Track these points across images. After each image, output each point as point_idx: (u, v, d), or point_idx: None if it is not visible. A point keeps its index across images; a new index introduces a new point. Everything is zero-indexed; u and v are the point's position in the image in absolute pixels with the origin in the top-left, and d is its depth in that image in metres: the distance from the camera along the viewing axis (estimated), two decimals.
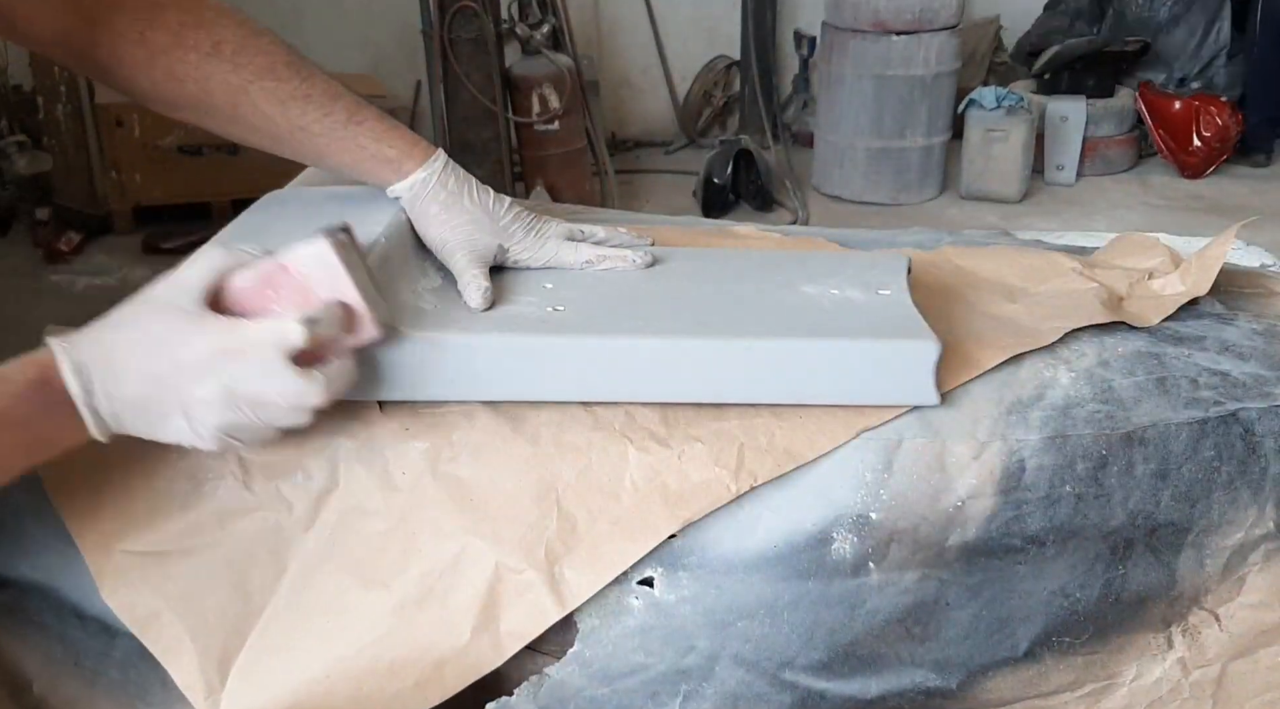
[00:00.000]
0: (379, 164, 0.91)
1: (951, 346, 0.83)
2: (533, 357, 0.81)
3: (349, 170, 0.93)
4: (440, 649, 0.77)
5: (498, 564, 0.77)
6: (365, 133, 0.90)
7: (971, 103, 4.41)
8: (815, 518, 0.79)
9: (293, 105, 0.88)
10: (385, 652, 0.77)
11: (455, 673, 0.77)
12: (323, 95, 0.89)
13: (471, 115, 3.89)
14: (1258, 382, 0.85)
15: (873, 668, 0.81)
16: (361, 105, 0.91)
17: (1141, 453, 0.81)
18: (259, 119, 0.88)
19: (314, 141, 0.90)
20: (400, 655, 0.77)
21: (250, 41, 0.87)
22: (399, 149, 0.91)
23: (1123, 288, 0.97)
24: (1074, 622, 0.81)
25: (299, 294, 0.72)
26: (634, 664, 0.80)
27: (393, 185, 0.92)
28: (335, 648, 0.77)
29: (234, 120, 0.89)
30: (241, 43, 0.87)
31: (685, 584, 0.79)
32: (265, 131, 0.89)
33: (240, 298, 0.73)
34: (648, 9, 5.13)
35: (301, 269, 0.72)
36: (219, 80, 0.86)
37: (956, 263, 1.03)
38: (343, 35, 4.90)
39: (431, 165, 0.91)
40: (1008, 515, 0.80)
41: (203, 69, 0.86)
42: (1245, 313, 0.95)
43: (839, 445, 0.80)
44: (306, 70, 0.89)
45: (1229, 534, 0.82)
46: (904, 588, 0.80)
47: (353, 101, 0.90)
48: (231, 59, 0.86)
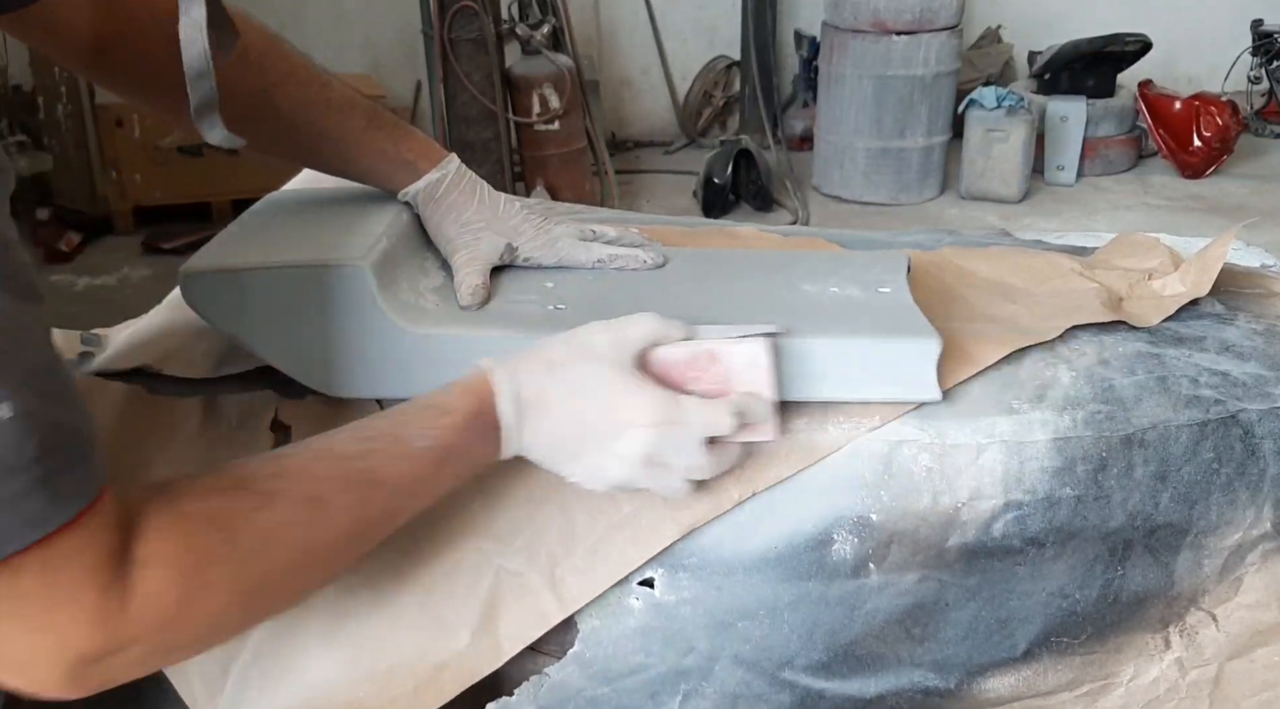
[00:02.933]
0: (396, 167, 0.92)
1: (952, 345, 0.83)
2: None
3: (365, 174, 0.93)
4: (439, 653, 0.77)
5: (499, 568, 0.77)
6: (383, 137, 0.91)
7: (971, 103, 4.41)
8: (816, 519, 0.79)
9: (313, 110, 0.88)
10: (384, 656, 0.77)
11: (454, 677, 0.77)
12: (341, 100, 0.89)
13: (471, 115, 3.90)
14: (1258, 382, 0.85)
15: (872, 668, 0.81)
16: (377, 110, 0.92)
17: (1141, 455, 0.81)
18: (279, 124, 0.88)
19: (333, 146, 0.90)
20: (399, 659, 0.77)
21: (272, 46, 0.87)
22: (416, 152, 0.92)
23: (1123, 288, 0.97)
24: (1072, 622, 0.82)
25: (718, 383, 0.76)
26: (634, 664, 0.80)
27: (406, 187, 0.92)
28: (335, 653, 0.77)
29: (252, 124, 0.87)
30: (265, 47, 0.87)
31: (686, 585, 0.79)
32: (284, 137, 0.89)
33: (663, 368, 0.76)
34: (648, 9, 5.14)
35: (730, 362, 0.76)
36: (243, 85, 0.85)
37: (957, 263, 1.03)
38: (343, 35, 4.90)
39: (445, 167, 0.92)
40: (1007, 517, 0.80)
41: (228, 74, 0.85)
42: (1245, 313, 0.95)
43: (839, 448, 0.80)
44: (324, 76, 0.90)
45: (1227, 535, 0.82)
46: (904, 589, 0.80)
47: (369, 106, 0.91)
48: (256, 63, 0.86)
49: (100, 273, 3.93)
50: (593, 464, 0.73)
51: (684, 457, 0.74)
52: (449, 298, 0.88)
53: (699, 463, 0.74)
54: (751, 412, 0.75)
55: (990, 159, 4.41)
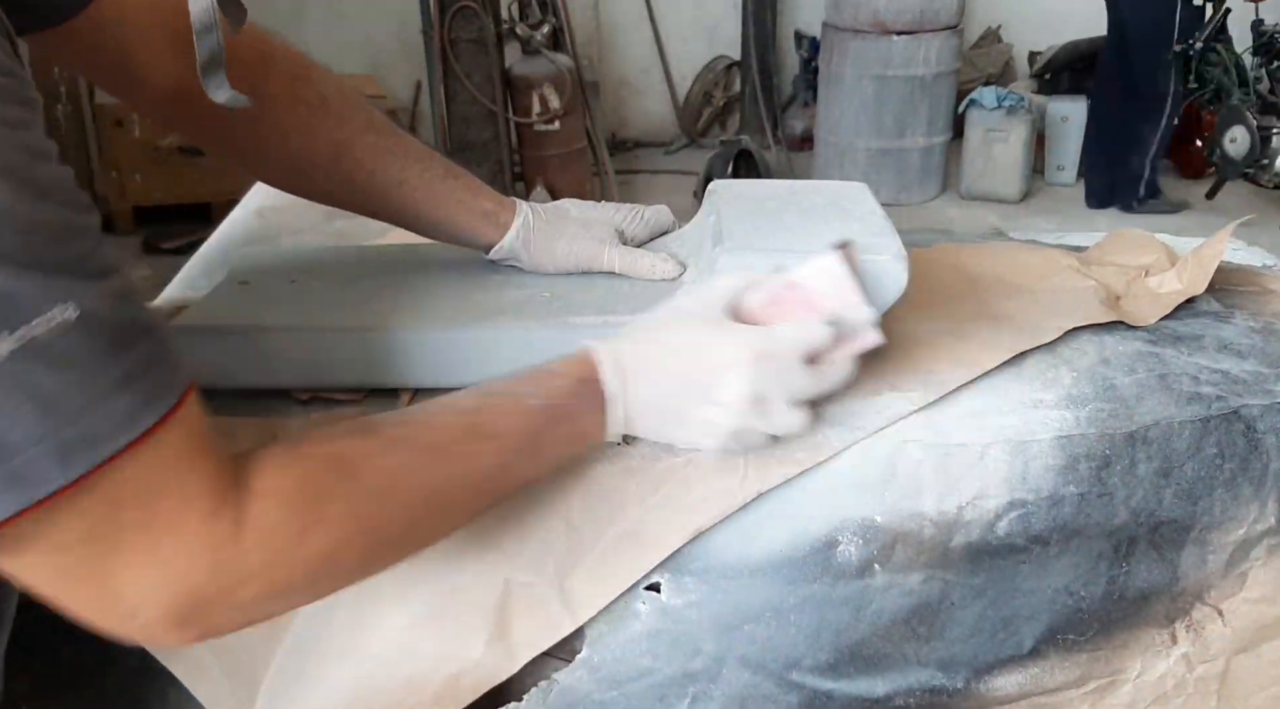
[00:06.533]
0: (477, 218, 0.92)
1: (953, 348, 0.83)
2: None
3: (446, 225, 0.93)
4: (455, 662, 0.77)
5: (507, 580, 0.77)
6: (461, 187, 0.91)
7: (972, 103, 4.41)
8: (820, 522, 0.79)
9: (393, 160, 0.88)
10: (401, 668, 0.77)
11: (470, 684, 0.77)
12: (418, 151, 0.90)
13: (471, 115, 3.90)
14: (1257, 378, 0.85)
15: (879, 668, 0.81)
16: (451, 163, 0.92)
17: (1145, 452, 0.81)
18: (359, 174, 0.88)
19: (412, 196, 0.89)
20: (416, 670, 0.77)
21: (351, 97, 0.88)
22: (493, 202, 0.92)
23: (1119, 285, 0.97)
24: (1078, 619, 0.82)
25: (806, 307, 0.75)
26: (641, 668, 0.80)
27: (494, 240, 0.92)
28: (354, 666, 0.77)
29: (331, 176, 0.88)
30: (344, 98, 0.87)
31: (691, 589, 0.79)
32: (363, 187, 0.89)
33: (751, 312, 0.76)
34: (648, 9, 5.14)
35: (809, 283, 0.75)
36: (325, 135, 0.86)
37: (954, 260, 1.03)
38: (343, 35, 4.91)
39: (522, 209, 0.93)
40: (1012, 516, 0.80)
41: (310, 123, 0.86)
42: (1242, 310, 0.95)
43: (842, 449, 0.80)
44: (399, 128, 0.90)
45: (1231, 530, 0.82)
46: (909, 589, 0.80)
47: (443, 158, 0.91)
48: (336, 114, 0.86)
49: None
50: (701, 420, 0.73)
51: (787, 383, 0.72)
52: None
53: (802, 384, 0.73)
54: (846, 320, 0.74)
55: (990, 159, 4.41)
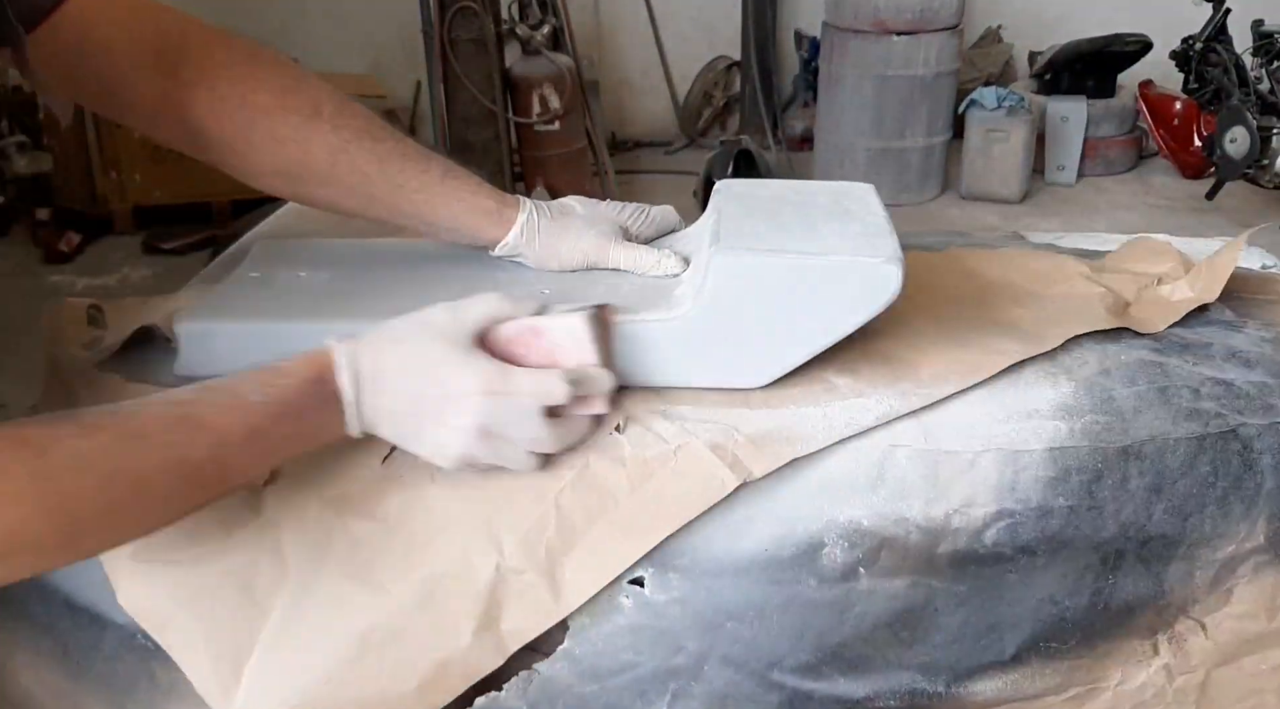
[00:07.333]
0: (479, 216, 0.92)
1: (954, 353, 0.83)
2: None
3: (448, 224, 0.93)
4: (442, 650, 0.77)
5: (498, 565, 0.78)
6: (462, 187, 0.92)
7: (972, 103, 4.41)
8: (807, 523, 0.79)
9: (391, 163, 0.89)
10: (388, 654, 0.77)
11: (459, 673, 0.77)
12: (416, 153, 0.90)
13: (471, 115, 3.90)
14: (1261, 391, 0.84)
15: (860, 670, 0.81)
16: (451, 163, 0.93)
17: (1137, 467, 0.81)
18: (356, 178, 0.89)
19: (411, 197, 0.91)
20: (403, 657, 0.77)
21: (345, 104, 0.89)
22: (495, 200, 0.93)
23: (1131, 293, 0.96)
24: (1062, 629, 0.82)
25: (545, 357, 0.78)
26: (623, 662, 0.80)
27: (497, 237, 0.93)
28: (339, 650, 0.78)
29: (329, 181, 0.90)
30: (338, 105, 0.89)
31: (675, 585, 0.79)
32: (361, 191, 0.90)
33: (496, 345, 0.78)
34: (648, 9, 5.13)
35: (552, 336, 0.78)
36: (319, 141, 0.87)
37: (963, 264, 1.02)
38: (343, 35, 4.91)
39: (526, 205, 0.93)
40: (1000, 525, 0.80)
41: (304, 131, 0.87)
42: (1254, 320, 0.94)
43: (834, 442, 0.80)
44: (398, 132, 0.91)
45: (1220, 547, 0.82)
46: (893, 594, 0.80)
47: (443, 159, 0.92)
48: (330, 120, 0.87)
49: (100, 273, 3.94)
50: (434, 439, 0.75)
51: (522, 428, 0.75)
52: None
53: (539, 435, 0.76)
54: (588, 382, 0.77)
55: (990, 159, 4.41)
